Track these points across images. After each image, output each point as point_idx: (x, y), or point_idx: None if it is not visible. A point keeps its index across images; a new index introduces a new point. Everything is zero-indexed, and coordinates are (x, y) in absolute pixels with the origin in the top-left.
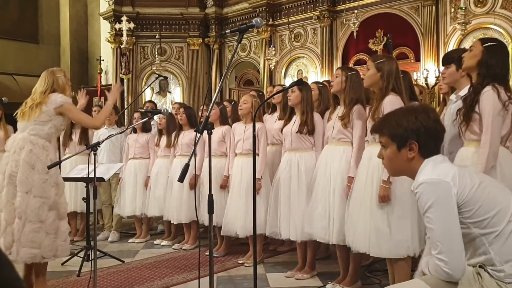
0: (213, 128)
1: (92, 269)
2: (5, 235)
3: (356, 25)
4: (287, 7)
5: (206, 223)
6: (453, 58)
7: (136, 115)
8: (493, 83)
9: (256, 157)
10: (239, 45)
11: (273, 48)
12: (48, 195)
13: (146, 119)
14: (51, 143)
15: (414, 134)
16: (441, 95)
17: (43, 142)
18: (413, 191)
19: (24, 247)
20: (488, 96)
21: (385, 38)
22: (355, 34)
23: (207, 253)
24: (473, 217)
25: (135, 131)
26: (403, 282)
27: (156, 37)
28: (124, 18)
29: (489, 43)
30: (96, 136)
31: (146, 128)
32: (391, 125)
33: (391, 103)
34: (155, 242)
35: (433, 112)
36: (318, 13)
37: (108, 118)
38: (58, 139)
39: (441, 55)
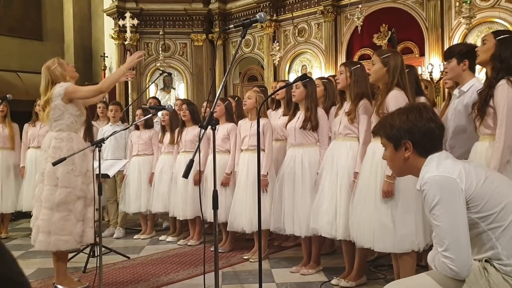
0: (218, 124)
1: (98, 265)
2: (34, 228)
3: (360, 19)
4: (291, 2)
5: (209, 219)
6: (453, 52)
7: (138, 112)
8: (507, 77)
9: (262, 152)
10: (243, 40)
11: (277, 44)
12: (75, 185)
13: (149, 115)
14: (76, 133)
15: (406, 134)
16: (446, 90)
17: (67, 134)
18: (419, 189)
19: (55, 235)
20: (503, 90)
21: (390, 33)
22: (359, 29)
23: (212, 249)
24: (480, 212)
25: (137, 128)
26: (409, 277)
27: (160, 33)
28: (127, 15)
29: (502, 36)
30: (101, 133)
31: (148, 125)
32: (386, 126)
33: (395, 98)
34: (160, 238)
35: (427, 110)
36: (322, 8)
37: (113, 115)
38: None
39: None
